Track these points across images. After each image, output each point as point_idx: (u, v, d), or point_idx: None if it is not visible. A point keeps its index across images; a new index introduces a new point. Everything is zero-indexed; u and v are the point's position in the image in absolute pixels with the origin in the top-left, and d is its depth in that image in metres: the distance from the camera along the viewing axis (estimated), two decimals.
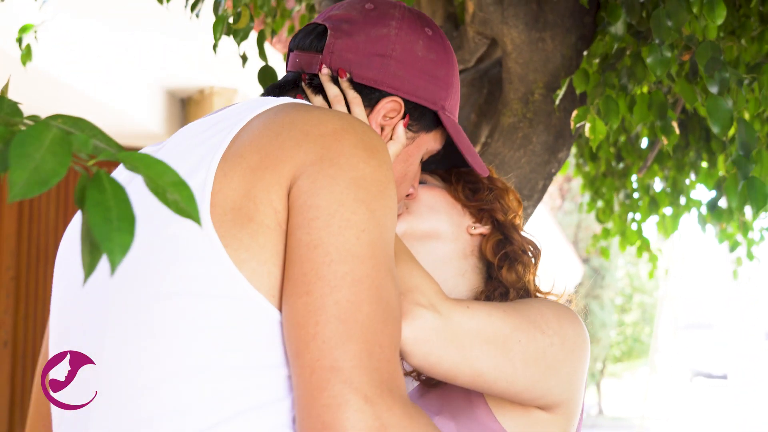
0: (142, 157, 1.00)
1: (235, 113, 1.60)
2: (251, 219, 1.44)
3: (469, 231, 2.05)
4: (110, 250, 0.93)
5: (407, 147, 1.82)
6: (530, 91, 3.08)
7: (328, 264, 1.39)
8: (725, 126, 2.52)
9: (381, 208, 1.45)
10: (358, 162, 1.46)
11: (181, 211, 0.99)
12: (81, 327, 1.53)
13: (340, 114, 1.55)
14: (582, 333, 1.86)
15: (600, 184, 5.32)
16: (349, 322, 1.36)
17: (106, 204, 0.95)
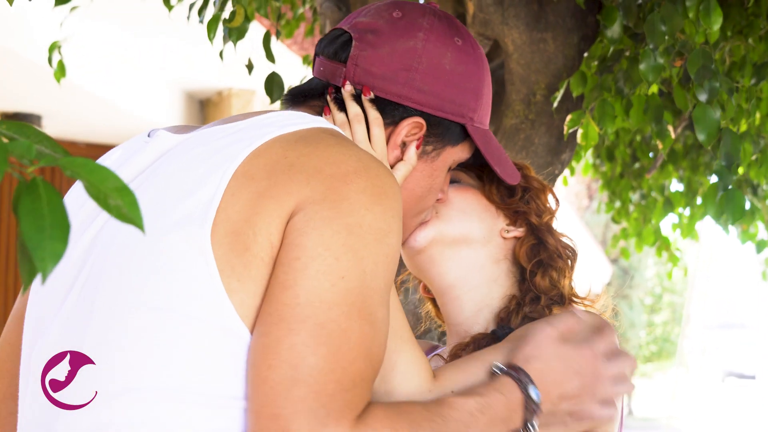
0: (84, 163, 0.99)
1: (258, 126, 1.56)
2: (248, 248, 1.42)
3: (503, 234, 1.99)
4: (41, 259, 0.92)
5: (433, 162, 1.79)
6: (532, 92, 3.06)
7: (293, 307, 1.37)
8: (711, 135, 2.50)
9: (372, 256, 1.43)
10: (359, 208, 1.44)
11: (122, 217, 0.97)
12: (61, 322, 1.52)
13: (360, 155, 1.51)
14: None
15: (615, 184, 5.28)
16: (300, 367, 1.34)
17: (39, 212, 0.94)
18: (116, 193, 0.98)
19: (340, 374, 1.36)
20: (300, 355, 1.35)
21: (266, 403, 1.34)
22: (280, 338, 1.36)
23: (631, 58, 2.87)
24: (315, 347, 1.36)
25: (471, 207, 1.97)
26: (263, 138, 1.51)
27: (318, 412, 1.33)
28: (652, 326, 27.45)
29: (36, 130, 1.04)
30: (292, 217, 1.42)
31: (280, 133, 1.53)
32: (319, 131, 1.56)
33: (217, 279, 1.41)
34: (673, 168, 5.00)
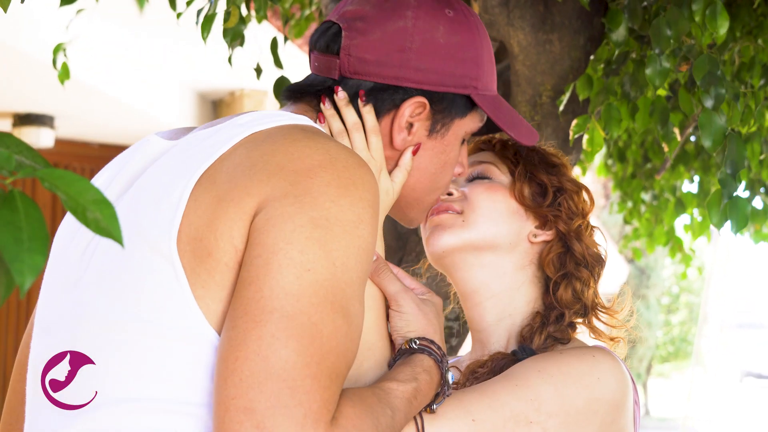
0: (63, 175, 0.98)
1: (230, 128, 1.56)
2: (210, 254, 1.41)
3: (530, 239, 1.96)
4: (19, 272, 0.91)
5: (443, 138, 1.76)
6: (538, 94, 3.04)
7: (256, 300, 1.35)
8: (717, 141, 2.48)
9: (342, 248, 1.40)
10: (324, 201, 1.41)
11: (101, 231, 0.96)
12: (59, 325, 1.53)
13: (328, 147, 1.49)
14: (604, 389, 1.76)
15: (627, 184, 5.27)
16: (271, 359, 1.31)
17: (17, 224, 0.94)
18: (95, 205, 0.97)
19: (315, 370, 1.33)
20: (270, 347, 1.32)
21: (237, 395, 1.31)
22: (247, 330, 1.34)
23: (637, 61, 2.85)
24: (285, 340, 1.33)
25: (498, 212, 1.94)
26: (232, 141, 1.51)
27: (295, 411, 1.30)
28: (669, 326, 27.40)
29: (17, 140, 1.03)
30: (255, 218, 1.41)
31: (250, 133, 1.52)
32: (288, 128, 1.54)
33: (186, 287, 1.41)
34: (684, 169, 4.98)
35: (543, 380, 1.73)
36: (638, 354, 23.32)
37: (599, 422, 1.75)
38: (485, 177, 1.98)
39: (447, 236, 1.91)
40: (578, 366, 1.77)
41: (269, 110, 1.64)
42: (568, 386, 1.73)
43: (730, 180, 2.48)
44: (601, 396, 1.76)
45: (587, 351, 1.82)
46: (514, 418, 1.68)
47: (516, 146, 2.01)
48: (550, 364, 1.76)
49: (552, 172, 1.99)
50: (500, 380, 1.74)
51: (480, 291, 1.96)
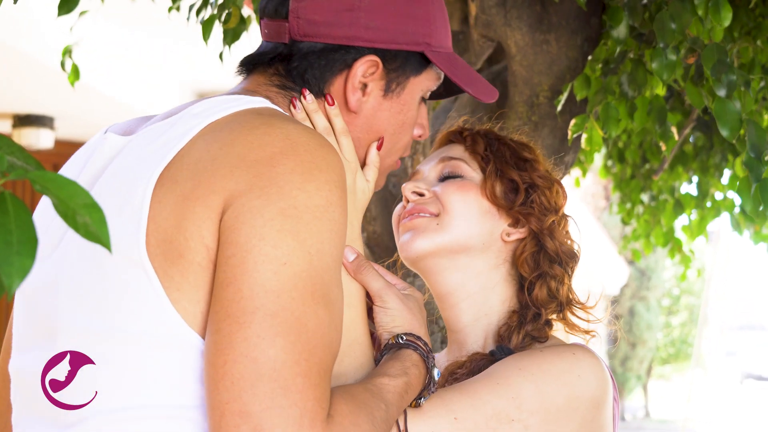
0: (53, 178, 0.98)
1: (186, 120, 1.53)
2: (181, 255, 1.39)
3: (503, 238, 1.95)
4: (8, 274, 0.91)
5: (399, 97, 1.72)
6: (535, 94, 3.05)
7: (237, 301, 1.34)
8: (734, 128, 2.46)
9: (314, 235, 1.39)
10: (291, 189, 1.39)
11: (89, 235, 0.97)
12: (42, 330, 1.52)
13: (288, 131, 1.46)
14: (584, 387, 1.77)
15: (626, 185, 5.28)
16: (260, 360, 1.31)
17: (7, 227, 0.94)
18: (84, 209, 0.97)
19: (305, 367, 1.33)
20: (257, 348, 1.31)
21: (230, 399, 1.30)
22: (231, 333, 1.33)
23: (636, 60, 2.85)
24: (271, 338, 1.32)
25: (472, 213, 1.92)
26: (189, 134, 1.48)
27: (290, 411, 1.30)
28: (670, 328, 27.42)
29: (9, 141, 1.03)
30: (223, 215, 1.39)
31: (206, 124, 1.49)
32: (245, 114, 1.51)
33: (161, 292, 1.39)
34: (683, 170, 4.99)
35: (524, 378, 1.74)
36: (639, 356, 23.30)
37: (580, 419, 1.76)
38: (457, 175, 1.96)
39: (422, 241, 1.91)
40: (558, 364, 1.77)
41: (223, 96, 1.60)
42: (549, 384, 1.74)
43: (755, 163, 2.46)
44: (581, 394, 1.76)
45: (567, 349, 1.82)
46: (496, 416, 1.69)
47: (487, 140, 2.00)
48: (530, 362, 1.77)
49: (523, 167, 1.97)
50: (481, 379, 1.74)
51: (455, 292, 1.95)
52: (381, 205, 3.26)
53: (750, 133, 2.50)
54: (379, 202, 3.25)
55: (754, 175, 2.46)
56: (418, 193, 1.95)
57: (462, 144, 2.02)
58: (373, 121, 1.71)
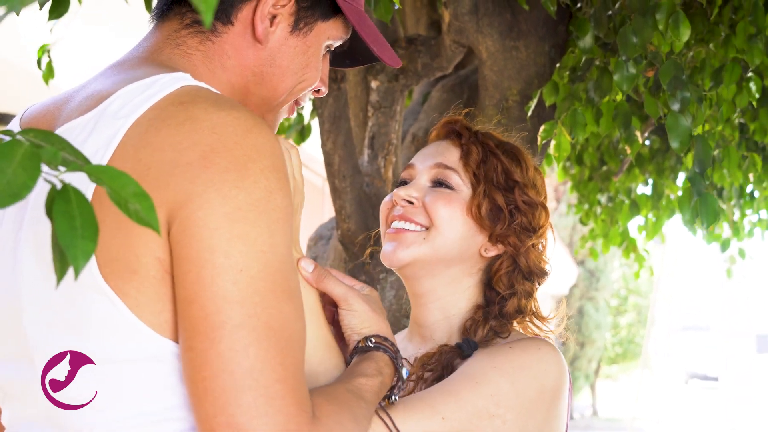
0: (106, 170, 1.06)
1: (105, 125, 1.46)
2: (135, 272, 1.37)
3: (481, 252, 2.02)
4: (74, 256, 1.00)
5: (305, 38, 1.70)
6: (504, 98, 3.16)
7: (203, 318, 1.33)
8: (684, 142, 2.59)
9: (264, 231, 1.37)
10: (229, 190, 1.36)
11: (141, 221, 1.05)
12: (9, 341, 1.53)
13: (212, 123, 1.41)
14: (549, 378, 1.87)
15: (584, 187, 5.39)
16: (237, 373, 1.31)
17: (71, 213, 1.02)
18: (135, 198, 1.05)
19: (282, 372, 1.33)
20: (233, 361, 1.31)
21: (216, 413, 1.32)
22: (204, 350, 1.32)
23: (601, 68, 2.98)
24: (244, 350, 1.32)
25: (455, 228, 1.98)
26: (114, 141, 1.42)
27: (277, 418, 1.31)
28: (618, 328, 27.61)
29: (59, 138, 1.10)
30: (170, 228, 1.36)
31: (129, 125, 1.43)
32: (167, 106, 1.44)
33: (126, 310, 1.38)
34: (639, 172, 5.12)
35: (499, 375, 1.83)
36: (587, 355, 23.48)
37: (545, 409, 1.87)
38: (448, 185, 2.02)
39: (404, 253, 1.98)
40: (528, 359, 1.87)
41: (136, 84, 1.50)
42: (521, 379, 1.84)
43: (698, 178, 2.59)
44: (547, 384, 1.87)
45: (533, 344, 1.92)
46: (478, 414, 1.78)
47: (483, 153, 2.04)
48: (503, 359, 1.86)
49: (511, 189, 2.03)
50: (461, 379, 1.83)
51: (427, 295, 2.04)
52: (355, 203, 3.35)
53: (697, 149, 2.63)
54: (353, 201, 3.34)
55: (695, 189, 2.59)
56: (408, 201, 2.02)
57: (458, 149, 2.06)
58: (277, 55, 1.68)
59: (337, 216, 3.41)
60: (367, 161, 3.38)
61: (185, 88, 1.48)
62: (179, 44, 1.64)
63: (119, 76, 1.58)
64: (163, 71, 1.54)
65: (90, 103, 1.53)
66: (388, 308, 3.26)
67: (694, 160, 2.59)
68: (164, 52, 1.64)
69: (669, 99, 2.60)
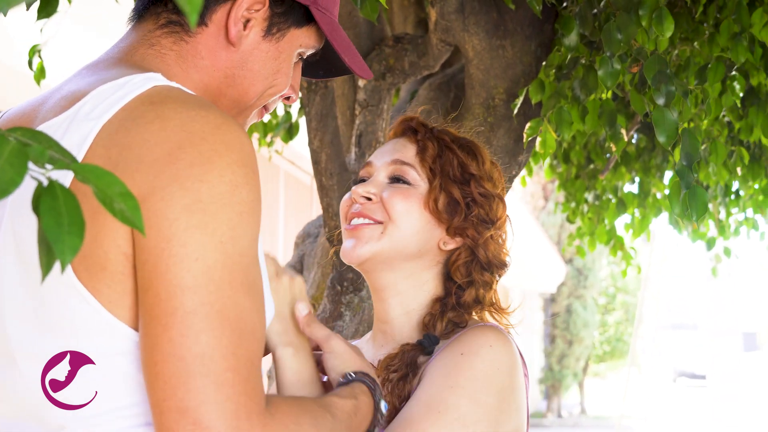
0: (93, 169, 1.08)
1: (78, 127, 1.46)
2: (104, 268, 1.39)
3: (440, 246, 2.04)
4: (61, 251, 1.01)
5: (278, 43, 1.73)
6: (491, 97, 3.18)
7: (157, 304, 1.34)
8: (671, 136, 2.61)
9: (224, 223, 1.38)
10: (192, 183, 1.37)
11: (126, 220, 1.06)
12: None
13: (182, 121, 1.42)
14: (503, 376, 1.89)
15: (571, 185, 5.42)
16: (187, 358, 1.32)
17: (58, 210, 1.04)
18: (120, 197, 1.06)
19: (234, 361, 1.34)
20: (183, 347, 1.32)
21: (166, 397, 1.33)
22: (156, 335, 1.33)
23: (587, 66, 3.00)
24: (195, 336, 1.33)
25: (413, 223, 2.01)
26: (86, 143, 1.43)
27: (226, 406, 1.32)
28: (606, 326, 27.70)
29: (47, 137, 1.12)
30: None
31: (101, 126, 1.44)
32: (138, 106, 1.45)
33: (99, 306, 1.39)
34: (626, 170, 5.15)
35: (458, 396, 1.85)
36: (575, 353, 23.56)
37: (507, 404, 1.90)
38: (405, 181, 2.04)
39: (365, 248, 2.00)
40: (480, 366, 1.88)
41: (107, 84, 1.51)
42: (479, 391, 1.86)
43: (687, 171, 2.61)
44: (504, 383, 1.89)
45: (484, 342, 1.92)
46: (454, 422, 1.82)
47: (438, 148, 2.06)
48: (457, 375, 1.88)
49: (467, 182, 2.05)
50: (423, 412, 1.85)
51: (387, 289, 2.06)
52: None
53: (684, 142, 2.65)
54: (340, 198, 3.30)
55: (684, 183, 2.60)
56: (366, 198, 2.04)
57: (415, 145, 2.08)
58: (249, 58, 1.69)
59: (324, 214, 3.42)
60: (355, 159, 3.39)
61: (156, 89, 1.49)
62: (153, 44, 1.66)
63: (93, 77, 1.59)
64: (136, 72, 1.56)
65: (64, 104, 1.55)
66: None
67: (681, 153, 2.60)
68: (138, 52, 1.65)
69: (654, 93, 2.61)
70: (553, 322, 23.20)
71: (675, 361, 40.07)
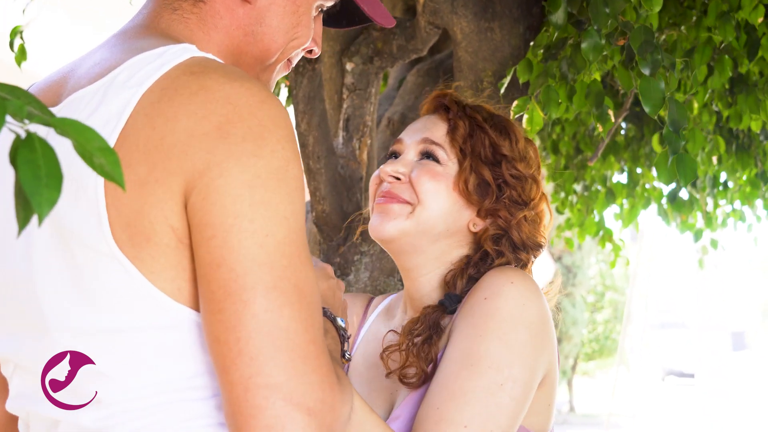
0: (72, 123, 1.07)
1: (115, 94, 1.46)
2: (149, 239, 1.39)
3: (470, 227, 2.03)
4: (38, 204, 1.00)
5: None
6: (479, 79, 3.17)
7: (234, 280, 1.34)
8: (657, 105, 2.61)
9: (285, 199, 1.39)
10: (248, 158, 1.37)
11: (106, 175, 1.05)
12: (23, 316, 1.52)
13: (226, 94, 1.42)
14: (531, 312, 1.86)
15: (559, 175, 5.41)
16: (273, 333, 1.33)
17: (36, 162, 1.02)
18: (100, 152, 1.05)
19: (313, 333, 1.36)
20: (269, 322, 1.33)
21: (253, 374, 1.32)
22: (237, 311, 1.34)
23: (575, 46, 2.99)
24: (278, 311, 1.34)
25: (442, 204, 1.99)
26: (126, 111, 1.43)
27: (312, 378, 1.34)
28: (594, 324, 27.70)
29: (26, 93, 1.11)
30: (188, 198, 1.37)
31: (141, 94, 1.44)
32: (178, 76, 1.45)
33: (140, 277, 1.39)
34: (614, 159, 5.14)
35: (488, 342, 1.82)
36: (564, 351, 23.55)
37: (539, 339, 1.87)
38: (435, 158, 2.03)
39: (390, 226, 1.99)
40: (504, 305, 1.85)
41: (142, 54, 1.51)
42: (508, 332, 1.83)
43: (674, 137, 2.60)
44: (533, 319, 1.86)
45: (504, 279, 1.89)
46: (489, 394, 1.78)
47: (469, 127, 2.04)
48: (483, 322, 1.84)
49: (498, 163, 2.04)
50: (457, 370, 1.82)
51: (416, 269, 2.05)
52: (330, 185, 3.36)
53: (671, 109, 2.64)
54: (328, 182, 3.35)
55: (672, 149, 2.60)
56: (395, 177, 2.03)
57: (446, 124, 2.07)
58: (266, 14, 1.68)
59: (311, 197, 3.41)
60: (342, 143, 3.38)
61: (194, 59, 1.49)
62: (176, 8, 1.65)
63: (124, 45, 1.59)
64: (169, 42, 1.56)
65: (98, 71, 1.54)
66: (363, 289, 3.26)
67: (668, 120, 2.60)
68: (163, 18, 1.65)
69: (640, 63, 2.61)
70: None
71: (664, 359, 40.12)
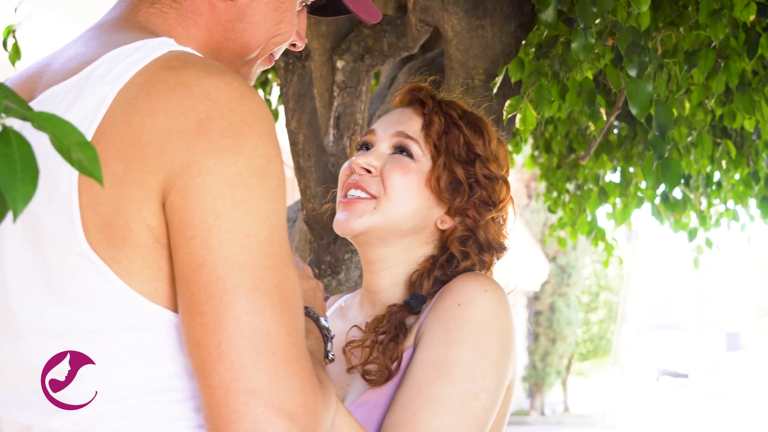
0: (50, 117, 1.05)
1: (92, 89, 1.42)
2: (125, 239, 1.35)
3: (437, 224, 2.01)
4: (13, 199, 0.98)
5: None
6: (470, 77, 3.15)
7: (215, 282, 1.31)
8: (644, 108, 2.59)
9: (266, 197, 1.36)
10: (228, 156, 1.33)
11: (84, 170, 1.03)
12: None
13: (206, 89, 1.38)
14: (502, 319, 1.85)
15: (552, 175, 5.41)
16: (255, 337, 1.30)
17: (11, 157, 1.00)
18: (78, 147, 1.03)
19: (295, 336, 1.33)
20: (249, 325, 1.30)
21: (233, 378, 1.30)
22: (218, 314, 1.30)
23: (566, 44, 2.97)
24: (260, 314, 1.31)
25: (410, 199, 1.97)
26: (103, 107, 1.39)
27: (294, 382, 1.31)
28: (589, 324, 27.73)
29: (3, 86, 1.10)
30: (166, 198, 1.34)
31: (118, 90, 1.39)
32: (156, 70, 1.41)
33: (115, 278, 1.36)
34: (607, 158, 5.14)
35: (462, 350, 1.81)
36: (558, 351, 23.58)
37: (508, 348, 1.86)
38: (408, 153, 2.00)
39: (358, 222, 1.96)
40: (480, 313, 1.84)
41: (119, 48, 1.47)
42: (482, 341, 1.82)
43: (660, 141, 2.59)
44: (503, 327, 1.85)
45: (478, 287, 1.88)
46: (465, 401, 1.77)
47: (444, 123, 2.02)
48: (458, 330, 1.83)
49: (472, 163, 2.01)
50: (432, 376, 1.81)
51: (379, 263, 2.02)
52: (320, 183, 3.34)
53: (658, 113, 2.63)
54: (318, 180, 3.34)
55: (657, 153, 2.59)
56: (366, 170, 1.99)
57: (421, 118, 2.04)
58: (248, 11, 1.64)
59: (302, 196, 3.39)
60: (333, 141, 3.36)
61: (173, 53, 1.45)
62: (154, 2, 1.61)
63: (100, 39, 1.55)
64: (146, 36, 1.52)
65: (73, 65, 1.51)
66: (353, 288, 3.24)
67: (654, 124, 2.59)
68: (141, 12, 1.60)
69: (627, 64, 2.59)
70: (536, 320, 23.27)
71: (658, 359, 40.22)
